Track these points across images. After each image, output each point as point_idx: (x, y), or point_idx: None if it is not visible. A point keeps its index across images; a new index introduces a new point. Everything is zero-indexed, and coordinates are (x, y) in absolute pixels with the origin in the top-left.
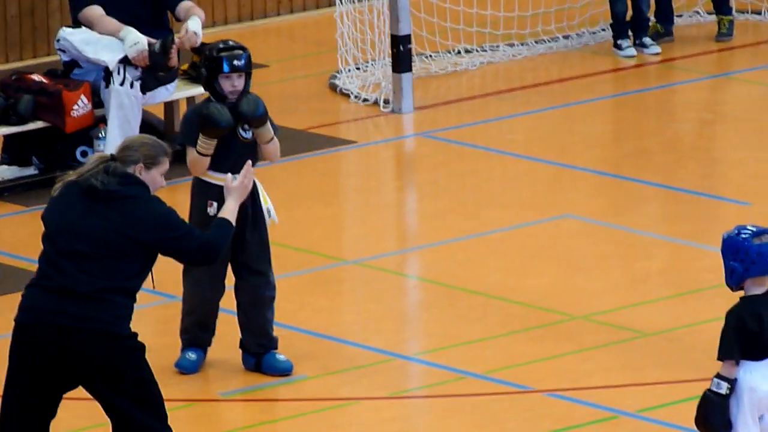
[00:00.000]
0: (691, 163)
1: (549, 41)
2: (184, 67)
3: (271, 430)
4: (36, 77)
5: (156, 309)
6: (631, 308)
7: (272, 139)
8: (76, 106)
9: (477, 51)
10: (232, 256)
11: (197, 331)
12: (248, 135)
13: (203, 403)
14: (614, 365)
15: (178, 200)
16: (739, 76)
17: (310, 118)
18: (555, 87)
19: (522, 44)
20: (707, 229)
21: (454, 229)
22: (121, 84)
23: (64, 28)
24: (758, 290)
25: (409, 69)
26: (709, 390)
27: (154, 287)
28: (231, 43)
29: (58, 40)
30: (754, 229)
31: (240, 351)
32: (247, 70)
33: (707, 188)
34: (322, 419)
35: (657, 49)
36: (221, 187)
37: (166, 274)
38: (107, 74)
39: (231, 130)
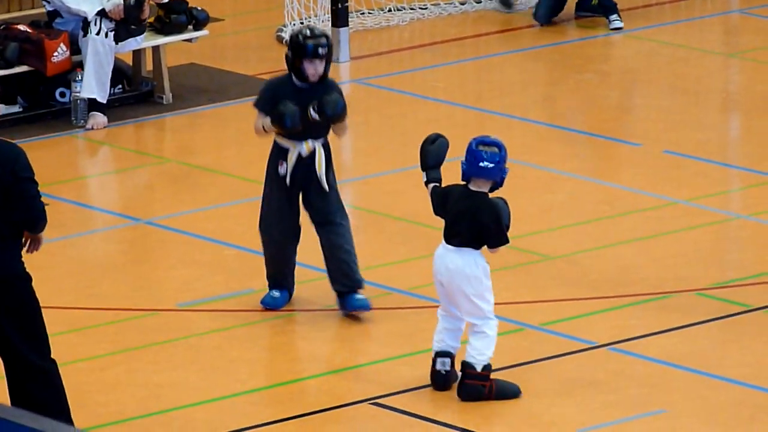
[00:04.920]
0: (591, 109)
1: (473, 2)
2: (151, 20)
3: (223, 336)
4: (21, 27)
5: (124, 230)
6: (537, 234)
7: (344, 126)
8: (56, 53)
9: (406, 9)
10: (308, 213)
11: (276, 274)
12: (316, 116)
13: (163, 312)
14: (521, 284)
15: (146, 135)
16: (634, 33)
17: (259, 66)
18: (474, 41)
19: (448, 4)
20: (604, 167)
21: (383, 164)
22: (97, 34)
23: None
24: (478, 189)
25: (347, 24)
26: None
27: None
28: (316, 31)
29: None
30: (488, 139)
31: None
32: (328, 56)
33: (604, 131)
34: (267, 327)
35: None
36: (287, 149)
37: (132, 200)
38: (85, 24)
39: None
